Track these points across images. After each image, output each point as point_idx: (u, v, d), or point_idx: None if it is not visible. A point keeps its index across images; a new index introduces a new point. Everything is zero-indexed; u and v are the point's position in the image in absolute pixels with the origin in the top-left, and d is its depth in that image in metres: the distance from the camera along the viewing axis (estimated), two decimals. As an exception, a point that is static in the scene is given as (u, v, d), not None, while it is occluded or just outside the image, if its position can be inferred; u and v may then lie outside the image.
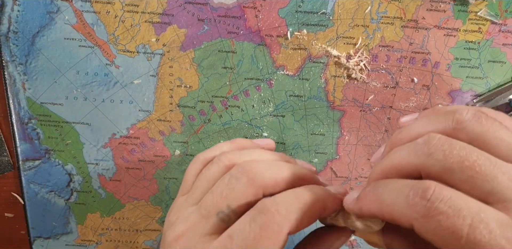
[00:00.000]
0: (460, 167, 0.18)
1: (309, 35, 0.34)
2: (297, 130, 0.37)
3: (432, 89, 0.35)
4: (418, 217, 0.17)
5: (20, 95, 0.35)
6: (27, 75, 0.35)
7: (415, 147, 0.20)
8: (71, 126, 0.36)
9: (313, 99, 0.36)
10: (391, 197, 0.19)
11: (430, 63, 0.35)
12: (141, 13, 0.33)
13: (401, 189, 0.19)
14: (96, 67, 0.35)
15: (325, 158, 0.38)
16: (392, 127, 0.37)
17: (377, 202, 0.20)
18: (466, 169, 0.18)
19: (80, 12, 0.33)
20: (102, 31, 0.34)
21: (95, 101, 0.36)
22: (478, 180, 0.18)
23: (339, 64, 0.35)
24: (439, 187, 0.17)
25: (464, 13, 0.33)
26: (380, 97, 0.36)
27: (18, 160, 0.37)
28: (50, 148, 0.37)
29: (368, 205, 0.20)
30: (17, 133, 0.36)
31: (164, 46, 0.34)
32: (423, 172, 0.19)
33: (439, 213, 0.17)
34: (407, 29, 0.34)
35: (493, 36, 0.34)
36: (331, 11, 0.33)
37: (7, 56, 0.34)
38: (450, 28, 0.34)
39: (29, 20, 0.33)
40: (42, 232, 0.39)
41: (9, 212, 0.39)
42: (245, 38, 0.34)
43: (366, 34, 0.34)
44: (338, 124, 0.37)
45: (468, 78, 0.35)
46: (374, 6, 0.33)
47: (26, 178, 0.37)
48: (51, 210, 0.39)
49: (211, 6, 0.33)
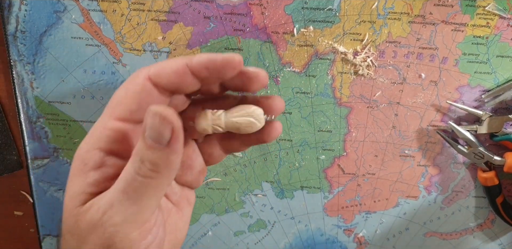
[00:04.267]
0: None
1: (315, 31, 0.34)
2: (304, 126, 0.37)
3: (440, 85, 0.35)
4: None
5: (28, 94, 0.35)
6: (35, 74, 0.35)
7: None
8: (79, 124, 0.36)
9: (320, 96, 0.36)
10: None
11: (437, 59, 0.35)
12: (147, 11, 0.34)
13: None
14: (103, 65, 0.35)
15: (333, 154, 0.37)
16: (400, 123, 0.36)
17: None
18: None
19: (87, 11, 0.34)
20: (109, 29, 0.34)
21: (103, 99, 0.36)
22: None
23: (346, 61, 0.35)
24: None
25: (472, 7, 0.33)
26: (388, 94, 0.36)
27: (26, 159, 0.37)
28: (58, 146, 0.37)
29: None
30: (25, 131, 0.36)
31: (171, 44, 0.34)
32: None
33: None
34: (414, 25, 0.34)
35: (502, 31, 0.34)
36: (337, 7, 0.33)
37: (15, 55, 0.34)
38: (457, 23, 0.34)
39: (36, 19, 0.34)
40: (51, 230, 0.39)
41: (19, 211, 0.40)
42: (252, 35, 0.34)
43: (373, 30, 0.34)
44: (345, 121, 0.36)
45: (476, 74, 0.35)
46: (381, 2, 0.33)
47: (35, 176, 0.38)
48: (60, 208, 0.39)
49: (217, 4, 0.33)
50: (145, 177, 0.22)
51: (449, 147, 0.37)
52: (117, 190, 0.23)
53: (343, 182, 0.38)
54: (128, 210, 0.22)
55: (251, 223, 0.40)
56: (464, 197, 0.38)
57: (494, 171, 0.36)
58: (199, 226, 0.40)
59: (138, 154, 0.22)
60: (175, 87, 0.25)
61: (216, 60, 0.24)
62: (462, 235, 0.40)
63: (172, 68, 0.24)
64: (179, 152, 0.22)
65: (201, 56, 0.24)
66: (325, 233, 0.40)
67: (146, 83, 0.25)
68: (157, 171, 0.22)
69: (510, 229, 0.39)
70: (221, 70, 0.24)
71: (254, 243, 0.41)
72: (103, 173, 0.24)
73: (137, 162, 0.22)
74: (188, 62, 0.24)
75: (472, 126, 0.35)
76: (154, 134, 0.21)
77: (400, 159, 0.38)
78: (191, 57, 0.25)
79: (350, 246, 0.41)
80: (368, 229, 0.40)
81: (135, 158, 0.22)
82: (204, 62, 0.24)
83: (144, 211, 0.23)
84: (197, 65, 0.24)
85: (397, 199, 0.39)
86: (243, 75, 0.25)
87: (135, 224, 0.23)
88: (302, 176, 0.38)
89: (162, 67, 0.25)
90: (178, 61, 0.25)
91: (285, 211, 0.40)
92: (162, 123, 0.21)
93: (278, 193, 0.39)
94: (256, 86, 0.26)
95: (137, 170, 0.22)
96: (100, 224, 0.23)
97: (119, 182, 0.23)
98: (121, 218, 0.22)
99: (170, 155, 0.22)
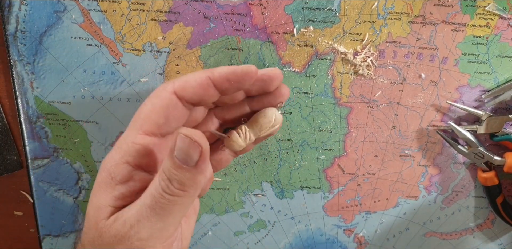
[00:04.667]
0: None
1: (315, 31, 0.34)
2: (304, 126, 0.37)
3: (440, 85, 0.35)
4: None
5: (28, 94, 0.35)
6: (35, 74, 0.35)
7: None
8: (79, 124, 0.36)
9: (320, 96, 0.36)
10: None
11: (437, 59, 0.35)
12: (147, 11, 0.34)
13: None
14: (103, 65, 0.35)
15: (333, 154, 0.37)
16: (400, 123, 0.36)
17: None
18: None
19: (87, 11, 0.34)
20: (109, 29, 0.34)
21: (103, 99, 0.36)
22: None
23: (346, 61, 0.35)
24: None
25: (472, 8, 0.33)
26: (388, 94, 0.36)
27: (27, 159, 0.37)
28: (58, 146, 0.37)
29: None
30: (25, 131, 0.36)
31: (171, 44, 0.34)
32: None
33: None
34: (414, 25, 0.34)
35: (502, 31, 0.34)
36: (337, 7, 0.33)
37: (15, 55, 0.34)
38: (457, 23, 0.34)
39: (36, 19, 0.34)
40: (51, 230, 0.39)
41: (19, 211, 0.40)
42: (252, 35, 0.34)
43: (373, 30, 0.34)
44: (345, 121, 0.36)
45: (476, 74, 0.35)
46: (381, 2, 0.33)
47: (35, 176, 0.38)
48: (60, 208, 0.39)
49: (217, 4, 0.33)
50: (172, 195, 0.23)
51: (449, 147, 0.37)
52: (144, 206, 0.23)
53: (343, 182, 0.38)
54: (155, 226, 0.23)
55: (251, 223, 0.40)
56: (464, 197, 0.38)
57: (494, 171, 0.36)
58: (199, 226, 0.40)
59: (165, 172, 0.23)
60: (199, 99, 0.26)
61: (236, 72, 0.26)
62: (462, 235, 0.40)
63: (197, 81, 0.26)
64: (205, 172, 0.23)
65: (222, 69, 0.26)
66: (325, 233, 0.40)
67: (172, 97, 0.26)
68: (184, 189, 0.23)
69: (510, 229, 0.39)
70: (241, 81, 0.26)
71: (254, 243, 0.41)
72: (130, 187, 0.25)
73: (165, 180, 0.23)
74: (210, 75, 0.26)
75: (472, 126, 0.35)
76: (183, 156, 0.22)
77: (400, 159, 0.38)
78: (212, 71, 0.26)
79: (350, 246, 0.41)
80: (368, 229, 0.40)
81: (162, 176, 0.23)
82: (225, 74, 0.26)
83: (169, 227, 0.24)
84: (219, 78, 0.26)
85: (397, 199, 0.39)
86: (259, 81, 0.28)
87: (161, 239, 0.24)
88: (302, 176, 0.38)
89: (185, 81, 0.26)
90: (200, 74, 0.26)
91: (285, 211, 0.40)
92: (191, 146, 0.22)
93: (278, 193, 0.39)
94: (274, 86, 0.29)
95: (164, 188, 0.23)
96: (127, 238, 0.23)
97: (146, 197, 0.23)
98: (148, 233, 0.23)
99: (197, 175, 0.23)
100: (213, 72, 0.26)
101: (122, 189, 0.25)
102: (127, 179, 0.25)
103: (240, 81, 0.26)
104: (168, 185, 0.23)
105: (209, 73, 0.26)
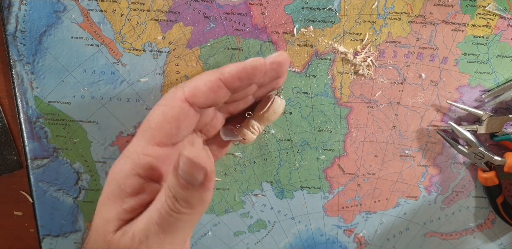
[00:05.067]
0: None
1: (315, 31, 0.34)
2: (304, 126, 0.37)
3: (440, 85, 0.35)
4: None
5: (28, 94, 0.35)
6: (34, 74, 0.35)
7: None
8: (79, 124, 0.36)
9: (320, 96, 0.36)
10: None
11: (438, 59, 0.34)
12: (147, 11, 0.33)
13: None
14: (103, 65, 0.35)
15: (333, 154, 0.37)
16: (400, 123, 0.36)
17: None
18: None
19: (87, 11, 0.34)
20: (109, 29, 0.34)
21: (102, 99, 0.36)
22: None
23: (346, 61, 0.35)
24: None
25: (472, 7, 0.33)
26: (388, 94, 0.36)
27: (26, 159, 0.37)
28: (58, 146, 0.37)
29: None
30: (25, 131, 0.36)
31: (171, 44, 0.34)
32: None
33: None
34: (414, 25, 0.34)
35: (502, 30, 0.34)
36: (337, 7, 0.33)
37: (14, 55, 0.34)
38: (458, 23, 0.34)
39: (36, 19, 0.34)
40: (51, 230, 0.39)
41: (18, 211, 0.40)
42: (252, 35, 0.34)
43: (373, 30, 0.34)
44: (345, 121, 0.36)
45: (477, 74, 0.35)
46: (381, 2, 0.33)
47: (34, 176, 0.38)
48: (59, 208, 0.39)
49: (217, 3, 0.33)
50: (179, 213, 0.22)
51: (449, 147, 0.37)
52: (152, 222, 0.23)
53: (343, 182, 0.38)
54: (164, 242, 0.23)
55: (251, 223, 0.40)
56: (464, 197, 0.38)
57: (494, 171, 0.36)
58: (199, 226, 0.40)
59: (171, 190, 0.22)
60: (211, 103, 0.26)
61: (246, 69, 0.25)
62: (462, 235, 0.40)
63: (207, 85, 0.25)
64: (211, 189, 0.23)
65: (231, 68, 0.25)
66: (325, 233, 0.40)
67: (183, 105, 0.25)
68: (191, 207, 0.22)
69: (510, 229, 0.39)
70: (252, 77, 0.25)
71: (254, 243, 0.41)
72: (140, 200, 0.25)
73: (171, 198, 0.22)
74: (221, 77, 0.25)
75: (472, 126, 0.35)
76: (188, 177, 0.21)
77: (400, 159, 0.37)
78: (221, 71, 0.25)
79: (350, 246, 0.41)
80: (368, 229, 0.40)
81: (168, 193, 0.22)
82: (235, 73, 0.25)
83: (178, 242, 0.24)
84: (230, 78, 0.25)
85: (397, 199, 0.39)
86: (270, 71, 0.27)
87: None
88: (302, 176, 0.38)
89: (196, 87, 0.25)
90: (209, 77, 0.25)
91: (285, 211, 0.39)
92: (195, 169, 0.21)
93: (278, 193, 0.39)
94: (284, 71, 0.28)
95: (171, 206, 0.22)
96: None
97: (153, 213, 0.23)
98: (159, 248, 0.23)
99: (203, 193, 0.22)
100: (223, 73, 0.25)
101: (132, 201, 0.24)
102: (138, 191, 0.25)
103: (251, 77, 0.25)
104: (175, 203, 0.22)
105: (219, 75, 0.25)
